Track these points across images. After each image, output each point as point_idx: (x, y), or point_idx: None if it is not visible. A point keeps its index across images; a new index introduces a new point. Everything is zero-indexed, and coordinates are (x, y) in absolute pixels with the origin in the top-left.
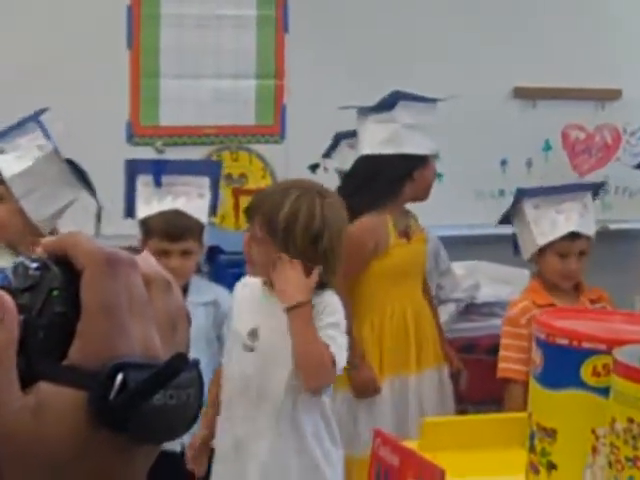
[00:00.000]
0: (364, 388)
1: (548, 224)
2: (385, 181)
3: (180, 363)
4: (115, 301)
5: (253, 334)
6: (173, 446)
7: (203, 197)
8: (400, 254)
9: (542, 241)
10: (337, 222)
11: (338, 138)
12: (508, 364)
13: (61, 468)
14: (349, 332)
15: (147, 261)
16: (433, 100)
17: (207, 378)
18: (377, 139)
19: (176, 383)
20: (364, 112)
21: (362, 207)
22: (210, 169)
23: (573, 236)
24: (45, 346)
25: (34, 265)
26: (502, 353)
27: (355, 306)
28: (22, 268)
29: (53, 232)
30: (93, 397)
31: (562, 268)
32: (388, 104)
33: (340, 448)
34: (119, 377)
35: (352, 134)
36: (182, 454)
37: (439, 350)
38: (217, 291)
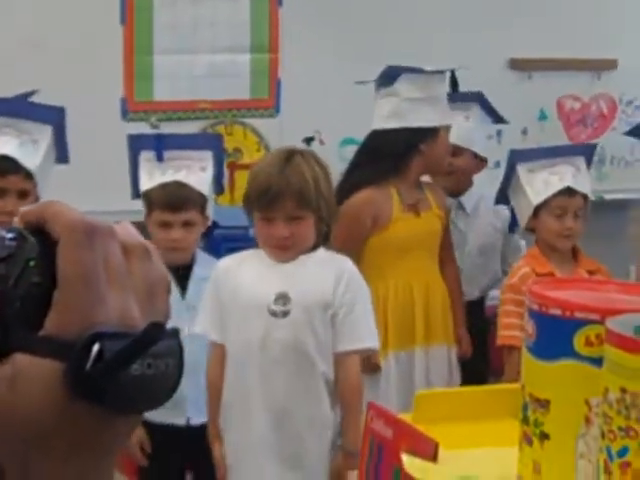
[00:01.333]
0: (363, 363)
1: (542, 184)
2: (388, 155)
3: (157, 332)
4: (92, 270)
5: (284, 298)
6: (178, 420)
7: (205, 170)
8: (404, 228)
9: (537, 200)
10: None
11: None
12: (510, 331)
13: (39, 439)
14: None
15: (126, 230)
16: (440, 72)
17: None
18: (382, 113)
19: (154, 352)
20: (376, 86)
21: (364, 181)
22: (212, 143)
23: (569, 193)
24: (21, 317)
25: (10, 235)
26: (503, 320)
27: None
28: None
29: None
30: (70, 367)
31: (559, 227)
32: (390, 78)
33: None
34: (95, 347)
35: None
36: (187, 428)
37: (450, 329)
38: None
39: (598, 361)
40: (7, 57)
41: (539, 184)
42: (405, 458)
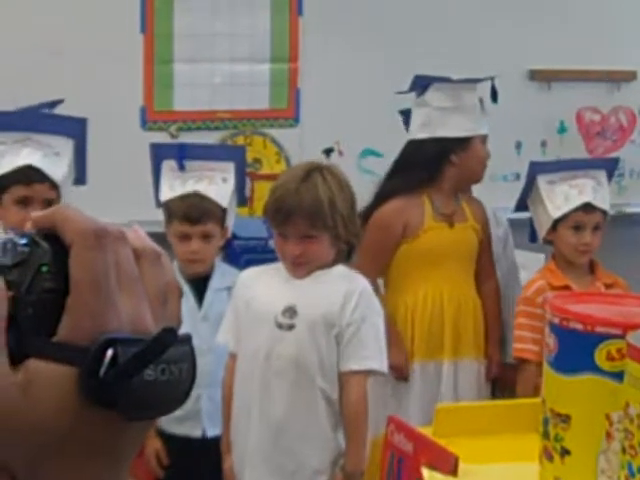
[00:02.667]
0: (392, 371)
1: (562, 198)
2: (421, 165)
3: (169, 337)
4: (104, 276)
5: (290, 311)
6: (194, 432)
7: (226, 182)
8: (436, 238)
9: (557, 214)
10: (350, 184)
11: (406, 116)
12: (523, 344)
13: (51, 445)
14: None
15: (137, 235)
16: (473, 81)
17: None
18: (416, 124)
19: (167, 358)
20: (415, 96)
21: (396, 190)
22: (235, 154)
23: (587, 208)
24: (35, 322)
25: (23, 241)
26: (517, 333)
27: (389, 287)
28: (11, 244)
29: None
30: (83, 373)
31: (576, 241)
32: (420, 87)
33: None
34: (109, 352)
35: None
36: (203, 440)
37: (482, 344)
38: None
39: (619, 376)
40: (26, 66)
41: (559, 198)
42: (425, 472)
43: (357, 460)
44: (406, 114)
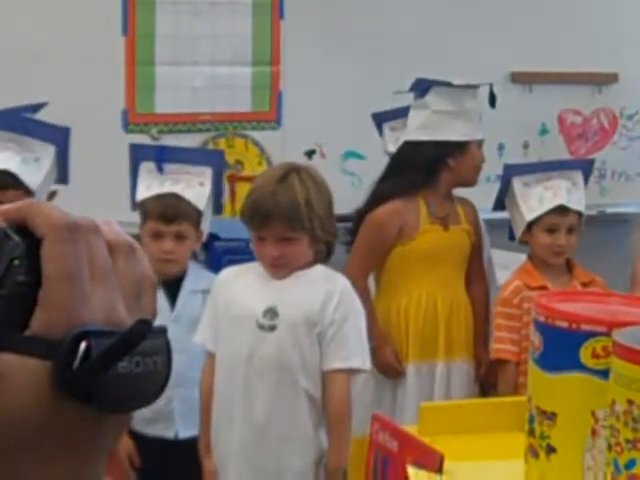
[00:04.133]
0: (384, 371)
1: (536, 200)
2: (418, 168)
3: (144, 329)
4: (76, 268)
5: (271, 312)
6: (167, 433)
7: (204, 185)
8: (431, 240)
9: (530, 216)
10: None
11: (378, 121)
12: (502, 345)
13: (26, 440)
14: (371, 313)
15: (111, 227)
16: (473, 86)
17: (199, 366)
18: (414, 125)
19: (142, 350)
20: (414, 98)
21: (392, 192)
22: (213, 159)
23: (561, 210)
24: (7, 316)
25: None
26: (495, 334)
27: (382, 289)
28: None
29: None
30: (57, 366)
31: (551, 243)
32: (421, 90)
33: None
34: (82, 345)
35: (390, 115)
36: (176, 441)
37: (471, 344)
38: (213, 279)
39: (605, 373)
40: (7, 68)
41: (533, 200)
42: (411, 470)
43: (339, 458)
44: (378, 118)
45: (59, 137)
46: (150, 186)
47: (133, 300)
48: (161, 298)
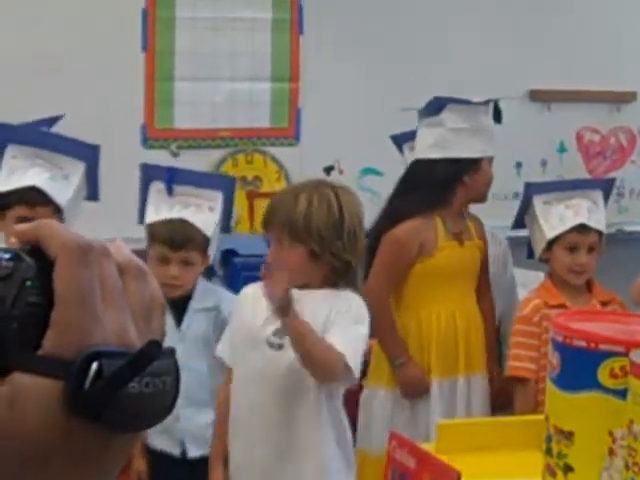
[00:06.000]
0: (412, 386)
1: (557, 218)
2: (434, 186)
3: (154, 350)
4: (88, 290)
5: (280, 331)
6: (173, 450)
7: (213, 211)
8: (449, 256)
9: (551, 234)
10: (354, 207)
11: (397, 142)
12: (519, 362)
13: (37, 458)
14: (390, 331)
15: (121, 250)
16: (486, 103)
17: (207, 386)
18: (426, 143)
19: (151, 371)
20: (420, 115)
21: (409, 211)
22: (224, 184)
23: (582, 229)
24: (19, 337)
25: (7, 256)
26: (513, 351)
27: (401, 306)
28: None
29: None
30: (68, 386)
31: (571, 262)
32: (435, 108)
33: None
34: (94, 366)
35: (409, 136)
36: (183, 460)
37: (485, 361)
38: (221, 296)
39: (622, 393)
40: (27, 82)
41: (554, 218)
42: None
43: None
44: (397, 139)
45: (89, 154)
46: (159, 209)
47: (143, 321)
48: (167, 317)
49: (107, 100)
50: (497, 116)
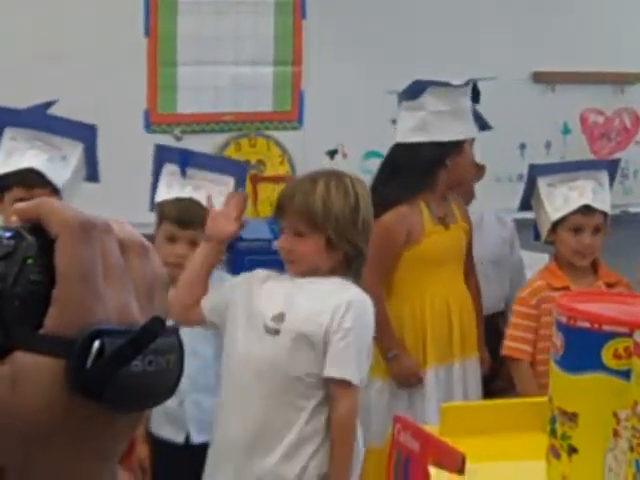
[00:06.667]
0: (405, 378)
1: (561, 200)
2: (416, 170)
3: (157, 327)
4: (90, 267)
5: (279, 317)
6: (177, 437)
7: (224, 195)
8: (436, 241)
9: (555, 216)
10: (368, 198)
11: None
12: (514, 343)
13: (38, 437)
14: (381, 324)
15: (123, 227)
16: (465, 84)
17: (212, 370)
18: (407, 127)
19: (154, 349)
20: (400, 99)
21: (394, 197)
22: (237, 170)
23: (587, 210)
24: (21, 315)
25: (8, 234)
26: (510, 331)
27: (393, 295)
28: None
29: None
30: (70, 365)
31: (576, 243)
32: (415, 91)
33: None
34: (96, 344)
35: None
36: (187, 445)
37: (477, 343)
38: (227, 281)
39: (626, 374)
40: (28, 68)
41: (558, 200)
42: (432, 471)
43: (341, 474)
44: None
45: (86, 134)
46: (171, 188)
47: (145, 299)
48: None
49: (110, 86)
50: (475, 97)
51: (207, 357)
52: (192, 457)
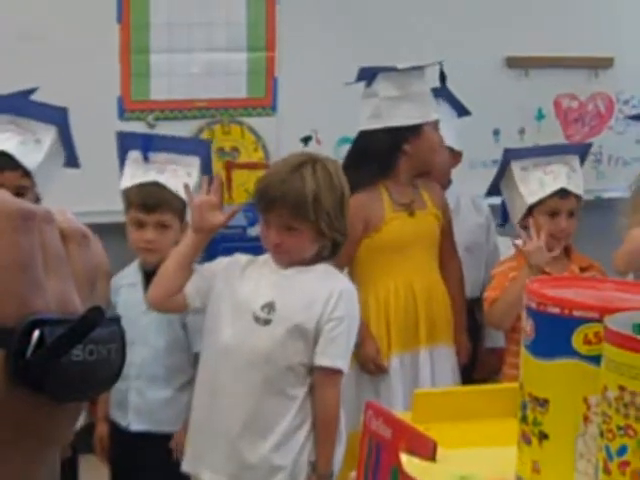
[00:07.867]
0: (368, 365)
1: (536, 183)
2: (374, 157)
3: (96, 316)
4: (29, 257)
5: (269, 306)
6: (122, 420)
7: (191, 175)
8: (398, 228)
9: (532, 200)
10: (344, 177)
11: None
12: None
13: None
14: None
15: (64, 216)
16: (419, 67)
17: (161, 362)
18: (365, 115)
19: (95, 338)
20: (364, 87)
21: (353, 185)
22: (200, 149)
23: (562, 194)
24: None
25: None
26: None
27: (356, 282)
28: None
29: None
30: (9, 355)
31: (551, 227)
32: (367, 79)
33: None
34: (36, 333)
35: None
36: (127, 432)
37: (452, 330)
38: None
39: (597, 359)
40: (2, 53)
41: (533, 183)
42: (404, 458)
43: (328, 461)
44: None
45: (58, 117)
46: (134, 175)
47: (87, 289)
48: (138, 289)
49: (83, 73)
50: (442, 79)
51: (158, 348)
52: (131, 444)
